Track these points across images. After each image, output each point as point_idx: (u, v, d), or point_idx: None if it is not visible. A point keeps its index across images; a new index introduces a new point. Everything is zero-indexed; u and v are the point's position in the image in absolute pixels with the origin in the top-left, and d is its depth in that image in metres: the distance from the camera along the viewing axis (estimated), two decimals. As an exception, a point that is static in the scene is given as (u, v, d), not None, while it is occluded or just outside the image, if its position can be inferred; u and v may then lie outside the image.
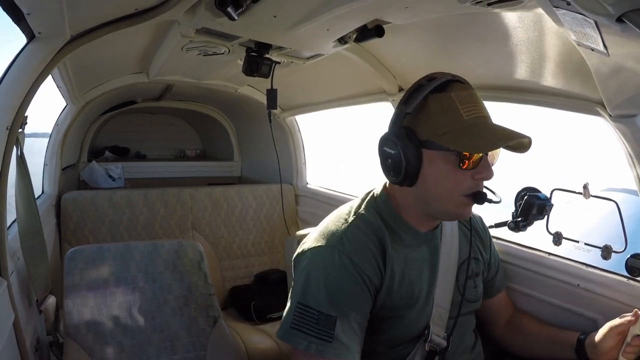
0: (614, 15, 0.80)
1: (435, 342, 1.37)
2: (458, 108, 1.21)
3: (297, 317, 1.23)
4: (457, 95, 1.22)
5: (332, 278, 1.24)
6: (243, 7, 1.39)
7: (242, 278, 3.21)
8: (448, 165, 1.22)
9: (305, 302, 1.24)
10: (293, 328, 1.23)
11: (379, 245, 1.31)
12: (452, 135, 1.20)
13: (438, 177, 1.24)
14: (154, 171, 4.01)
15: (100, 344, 1.62)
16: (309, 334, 1.21)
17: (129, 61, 2.36)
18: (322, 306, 1.22)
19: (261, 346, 2.48)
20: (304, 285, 1.26)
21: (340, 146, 14.03)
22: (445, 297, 1.42)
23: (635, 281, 1.44)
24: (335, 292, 1.23)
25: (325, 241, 1.30)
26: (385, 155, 1.29)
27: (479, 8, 1.28)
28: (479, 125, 1.21)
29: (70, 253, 1.73)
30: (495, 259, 1.65)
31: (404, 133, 1.24)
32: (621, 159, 1.42)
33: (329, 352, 1.19)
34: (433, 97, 1.23)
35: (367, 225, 1.33)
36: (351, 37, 1.72)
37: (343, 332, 1.21)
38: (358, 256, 1.26)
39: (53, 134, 2.74)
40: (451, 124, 1.20)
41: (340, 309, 1.22)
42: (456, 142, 1.19)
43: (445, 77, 1.25)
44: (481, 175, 1.24)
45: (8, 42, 3.88)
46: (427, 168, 1.24)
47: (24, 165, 1.57)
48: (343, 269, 1.25)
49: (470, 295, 1.49)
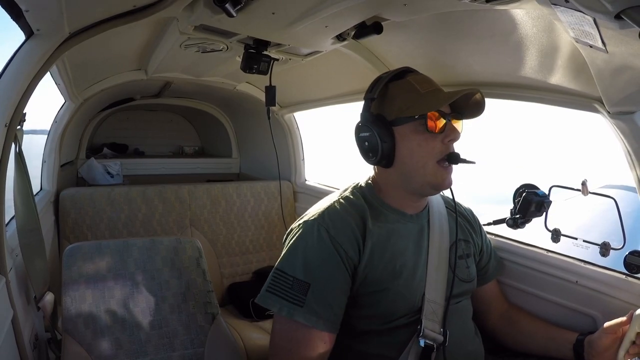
0: (612, 12, 0.81)
1: (430, 337, 1.37)
2: (415, 86, 1.40)
3: (273, 282, 1.35)
4: (413, 78, 1.42)
5: (310, 248, 1.34)
6: (241, 4, 1.39)
7: (240, 275, 3.22)
8: (418, 134, 1.36)
9: (282, 268, 1.35)
10: (268, 291, 1.35)
11: (360, 221, 1.40)
12: (414, 106, 1.37)
13: (412, 148, 1.37)
14: (152, 168, 4.01)
15: (98, 340, 1.62)
16: (282, 297, 1.31)
17: (128, 58, 2.36)
18: (297, 272, 1.32)
19: (260, 343, 2.48)
20: (284, 254, 1.38)
21: (339, 143, 14.02)
22: (438, 287, 1.43)
23: (634, 278, 1.44)
24: (311, 261, 1.33)
25: (309, 216, 1.42)
26: (361, 140, 1.45)
27: (477, 5, 1.28)
28: (434, 93, 1.39)
29: (68, 250, 1.72)
30: (487, 246, 1.69)
31: (374, 117, 1.41)
32: (620, 155, 1.42)
33: (300, 315, 1.28)
34: (393, 84, 1.43)
35: (349, 203, 1.44)
36: (349, 34, 1.72)
37: (315, 300, 1.29)
38: (336, 229, 1.36)
39: (51, 130, 2.73)
40: (412, 99, 1.38)
41: (314, 278, 1.31)
42: (418, 108, 1.36)
43: (399, 69, 1.46)
44: (449, 137, 1.37)
45: (6, 39, 3.88)
46: (400, 144, 1.38)
47: (22, 162, 1.57)
48: (320, 241, 1.34)
49: (462, 274, 1.52)
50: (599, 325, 1.42)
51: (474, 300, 1.62)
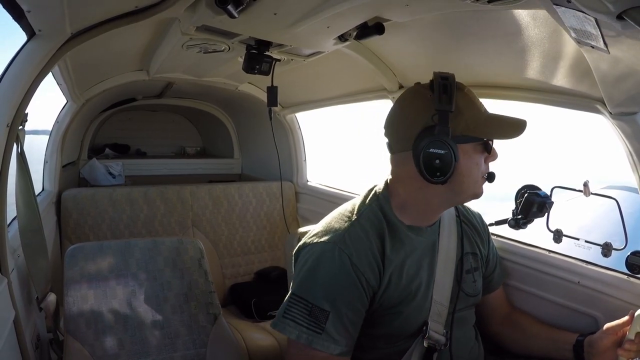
0: (614, 12, 0.80)
1: (434, 338, 1.37)
2: (475, 102, 1.34)
3: (291, 308, 1.28)
4: (469, 91, 1.35)
5: (330, 274, 1.28)
6: (243, 5, 1.39)
7: (242, 275, 3.22)
8: (478, 154, 1.33)
9: (300, 293, 1.28)
10: (285, 317, 1.27)
11: (380, 246, 1.34)
12: (482, 127, 1.31)
13: (471, 167, 1.32)
14: (154, 169, 4.02)
15: (100, 341, 1.63)
16: (301, 324, 1.25)
17: (130, 59, 2.36)
18: (316, 299, 1.26)
19: (261, 343, 2.48)
20: (301, 278, 1.31)
21: (339, 143, 14.05)
22: (444, 293, 1.43)
23: (636, 279, 1.44)
24: (331, 288, 1.27)
25: (327, 237, 1.33)
26: (432, 156, 1.26)
27: (479, 5, 1.28)
28: (493, 116, 1.34)
29: (70, 250, 1.73)
30: (494, 255, 1.66)
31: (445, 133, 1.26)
32: (622, 156, 1.42)
33: (318, 343, 1.24)
34: (458, 95, 1.30)
35: (369, 224, 1.36)
36: (351, 35, 1.72)
37: (334, 327, 1.25)
38: (358, 257, 1.29)
39: (53, 131, 2.74)
40: (477, 118, 1.32)
41: (334, 305, 1.25)
42: (488, 132, 1.32)
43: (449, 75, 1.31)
44: (493, 158, 1.36)
45: (8, 39, 3.89)
46: (461, 161, 1.29)
47: (24, 162, 1.57)
48: (342, 267, 1.27)
49: (469, 289, 1.50)
50: (601, 325, 1.42)
51: (479, 306, 1.61)
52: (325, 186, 3.33)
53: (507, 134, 1.32)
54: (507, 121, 1.33)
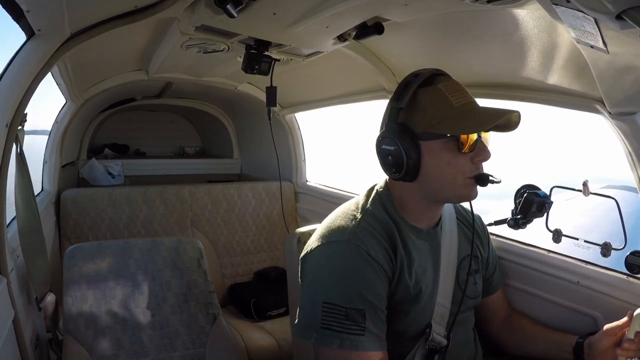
0: (613, 12, 0.80)
1: (436, 340, 1.37)
2: (447, 97, 1.26)
3: (326, 316, 1.21)
4: (444, 86, 1.27)
5: (354, 272, 1.23)
6: (242, 5, 1.39)
7: (241, 275, 3.22)
8: (449, 152, 1.25)
9: (331, 299, 1.21)
10: (324, 328, 1.20)
11: (389, 240, 1.31)
12: (446, 122, 1.24)
13: (440, 166, 1.26)
14: (153, 169, 4.02)
15: (99, 340, 1.63)
16: (341, 331, 1.19)
17: (129, 58, 2.36)
18: (349, 301, 1.20)
19: (261, 343, 2.49)
20: (325, 283, 1.25)
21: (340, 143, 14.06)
22: (446, 295, 1.42)
23: (635, 278, 1.44)
24: (360, 286, 1.22)
25: (337, 237, 1.29)
26: (384, 152, 1.31)
27: (478, 5, 1.28)
28: (469, 109, 1.26)
29: (69, 250, 1.73)
30: (493, 257, 1.65)
31: (400, 128, 1.27)
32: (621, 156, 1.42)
33: (364, 345, 1.19)
34: (422, 91, 1.28)
35: (376, 221, 1.33)
36: (350, 35, 1.72)
37: (373, 324, 1.21)
38: (374, 249, 1.26)
39: (53, 131, 2.74)
40: (444, 113, 1.25)
41: (367, 301, 1.21)
42: (452, 127, 1.24)
43: (429, 72, 1.30)
44: (479, 157, 1.27)
45: (8, 39, 3.89)
46: (427, 159, 1.26)
47: (23, 162, 1.57)
48: (363, 262, 1.24)
49: (470, 292, 1.49)
50: (600, 325, 1.42)
51: (479, 308, 1.61)
52: (325, 186, 3.33)
53: (476, 127, 1.25)
54: (481, 113, 1.26)
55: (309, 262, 1.33)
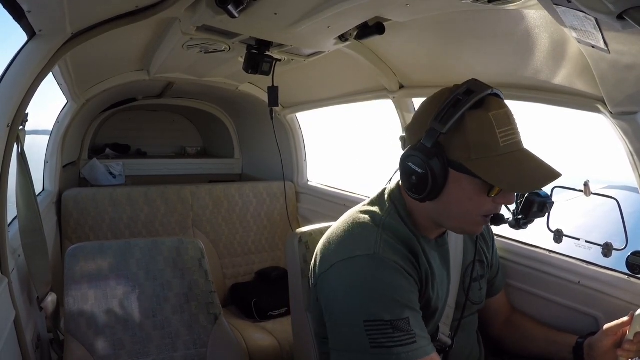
0: (614, 12, 0.80)
1: (442, 341, 1.38)
2: (495, 132, 1.12)
3: (373, 335, 1.13)
4: (495, 116, 1.13)
5: (388, 282, 1.17)
6: (244, 5, 1.39)
7: (243, 275, 3.22)
8: (475, 189, 1.16)
9: (373, 317, 1.13)
10: (375, 347, 1.12)
11: (412, 253, 1.25)
12: (485, 163, 1.13)
13: (462, 199, 1.18)
14: (154, 169, 4.02)
15: (100, 341, 1.63)
16: (392, 346, 1.11)
17: (130, 59, 2.36)
18: (392, 313, 1.13)
19: (262, 343, 2.49)
20: (361, 300, 1.16)
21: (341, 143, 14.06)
22: (452, 297, 1.43)
23: (636, 279, 1.44)
24: (397, 294, 1.16)
25: (361, 251, 1.20)
26: (409, 170, 1.20)
27: (480, 5, 1.28)
28: (513, 155, 1.14)
29: (71, 250, 1.73)
30: (497, 260, 1.65)
31: (435, 152, 1.15)
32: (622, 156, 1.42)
33: (419, 351, 1.13)
34: (470, 115, 1.13)
35: (396, 233, 1.25)
36: (352, 35, 1.72)
37: (419, 328, 1.16)
38: (402, 260, 1.20)
39: (54, 131, 2.74)
40: (486, 150, 1.13)
41: (407, 308, 1.15)
42: (489, 173, 1.12)
43: (484, 91, 1.16)
44: (504, 200, 1.20)
45: (9, 39, 3.89)
46: (451, 188, 1.17)
47: (24, 162, 1.57)
48: (394, 271, 1.18)
49: (475, 297, 1.49)
50: (601, 325, 1.42)
51: (481, 310, 1.60)
52: (326, 186, 3.33)
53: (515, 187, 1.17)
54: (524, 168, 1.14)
55: (333, 278, 1.24)
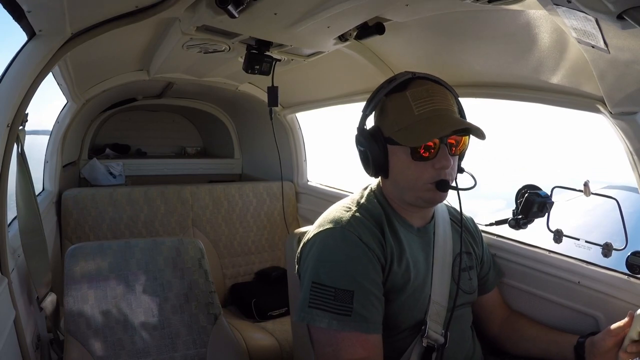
0: (614, 12, 0.80)
1: (433, 338, 1.38)
2: (410, 105, 1.32)
3: (314, 296, 1.27)
4: (412, 93, 1.34)
5: (344, 254, 1.30)
6: (244, 5, 1.39)
7: (242, 275, 3.22)
8: (407, 157, 1.34)
9: (320, 280, 1.28)
10: (311, 307, 1.27)
11: (380, 229, 1.38)
12: (402, 131, 1.33)
13: (402, 169, 1.37)
14: (154, 168, 4.01)
15: (100, 340, 1.63)
16: (328, 310, 1.25)
17: (130, 59, 2.36)
18: (337, 282, 1.26)
19: (262, 343, 2.49)
20: (316, 266, 1.31)
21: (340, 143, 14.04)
22: (442, 291, 1.44)
23: (636, 279, 1.44)
24: (348, 267, 1.28)
25: (331, 225, 1.36)
26: (358, 152, 1.46)
27: (480, 5, 1.28)
28: (427, 119, 1.31)
29: (70, 250, 1.73)
30: (487, 256, 1.69)
31: (368, 132, 1.41)
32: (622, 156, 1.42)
33: (350, 325, 1.24)
34: (390, 98, 1.38)
35: (368, 212, 1.41)
36: (352, 35, 1.72)
37: (361, 305, 1.25)
38: (366, 236, 1.33)
39: (54, 131, 2.74)
40: (402, 121, 1.33)
41: (355, 283, 1.26)
42: (404, 137, 1.33)
43: (405, 76, 1.38)
44: (439, 164, 1.32)
45: (8, 39, 3.89)
46: (392, 161, 1.38)
47: (24, 162, 1.57)
48: (354, 245, 1.31)
49: (465, 286, 1.52)
50: (601, 326, 1.41)
51: (477, 309, 1.64)
52: (326, 186, 3.33)
53: (419, 140, 1.29)
54: (434, 123, 1.29)
55: (305, 249, 1.40)
